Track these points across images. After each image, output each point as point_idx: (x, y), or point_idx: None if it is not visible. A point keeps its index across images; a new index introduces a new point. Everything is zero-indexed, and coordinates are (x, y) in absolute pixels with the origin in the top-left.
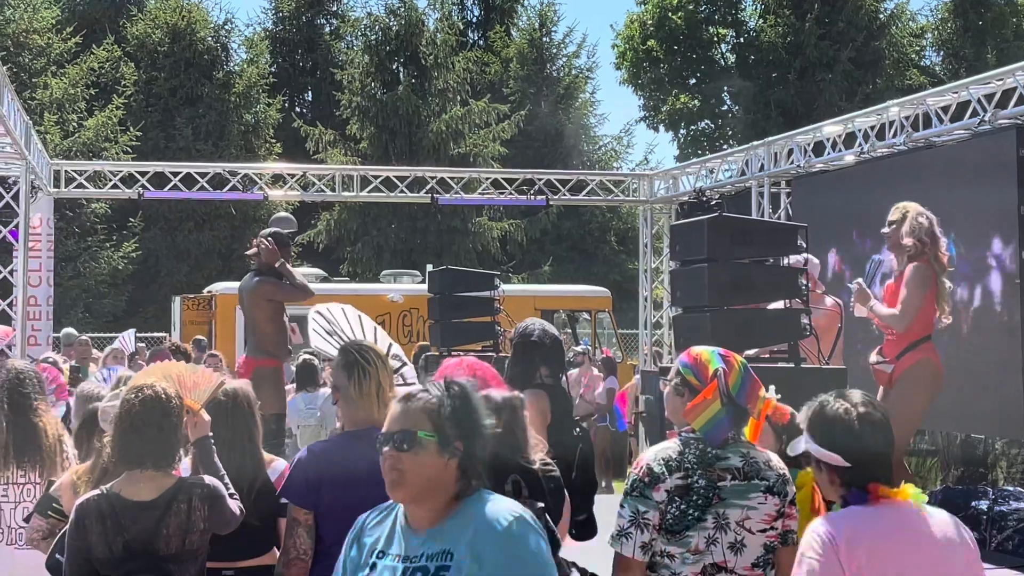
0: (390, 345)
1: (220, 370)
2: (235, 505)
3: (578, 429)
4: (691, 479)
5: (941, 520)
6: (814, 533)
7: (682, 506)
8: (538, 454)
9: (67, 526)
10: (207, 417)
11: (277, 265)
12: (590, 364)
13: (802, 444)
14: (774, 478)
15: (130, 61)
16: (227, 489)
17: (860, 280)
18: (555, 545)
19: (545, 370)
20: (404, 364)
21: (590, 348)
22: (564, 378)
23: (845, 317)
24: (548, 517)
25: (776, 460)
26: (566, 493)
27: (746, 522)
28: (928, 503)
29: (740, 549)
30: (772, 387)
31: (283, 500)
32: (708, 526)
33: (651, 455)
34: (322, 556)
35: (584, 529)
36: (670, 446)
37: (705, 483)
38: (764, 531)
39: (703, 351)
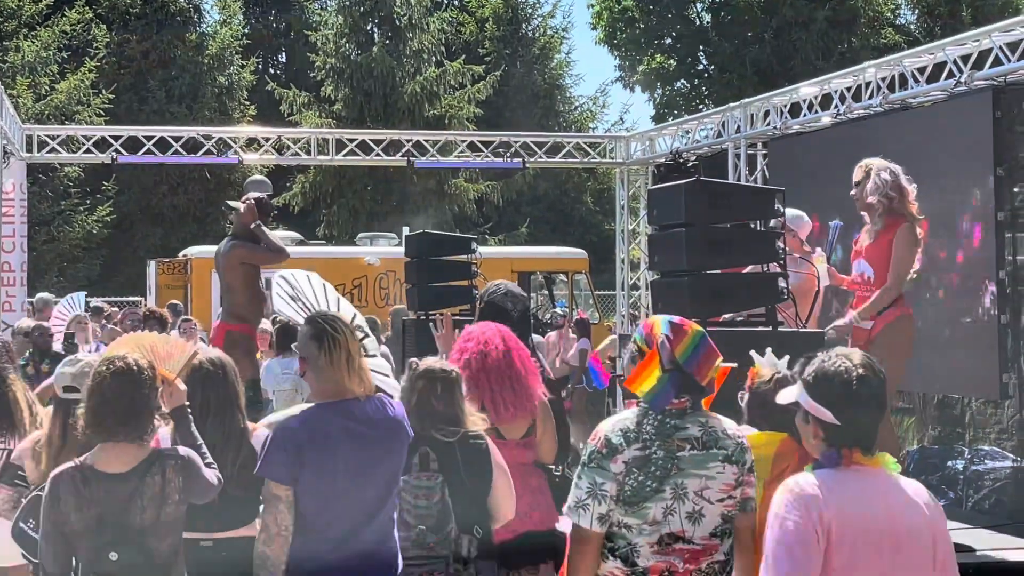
0: (354, 315)
1: (194, 336)
2: (212, 474)
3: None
4: (649, 450)
5: (912, 489)
6: (789, 493)
7: (640, 477)
8: (471, 427)
9: (33, 494)
10: (182, 387)
11: (252, 227)
12: (568, 327)
13: (793, 394)
14: (732, 447)
15: (102, 23)
16: (204, 459)
17: (821, 250)
18: (447, 522)
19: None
20: (367, 336)
21: (567, 310)
22: (530, 342)
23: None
24: (445, 491)
25: (734, 428)
26: (496, 465)
27: (705, 492)
28: (904, 464)
29: (699, 519)
30: (768, 349)
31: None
32: (666, 497)
33: (609, 426)
34: (302, 530)
35: None
36: (628, 416)
37: (663, 454)
38: (723, 500)
39: (656, 319)
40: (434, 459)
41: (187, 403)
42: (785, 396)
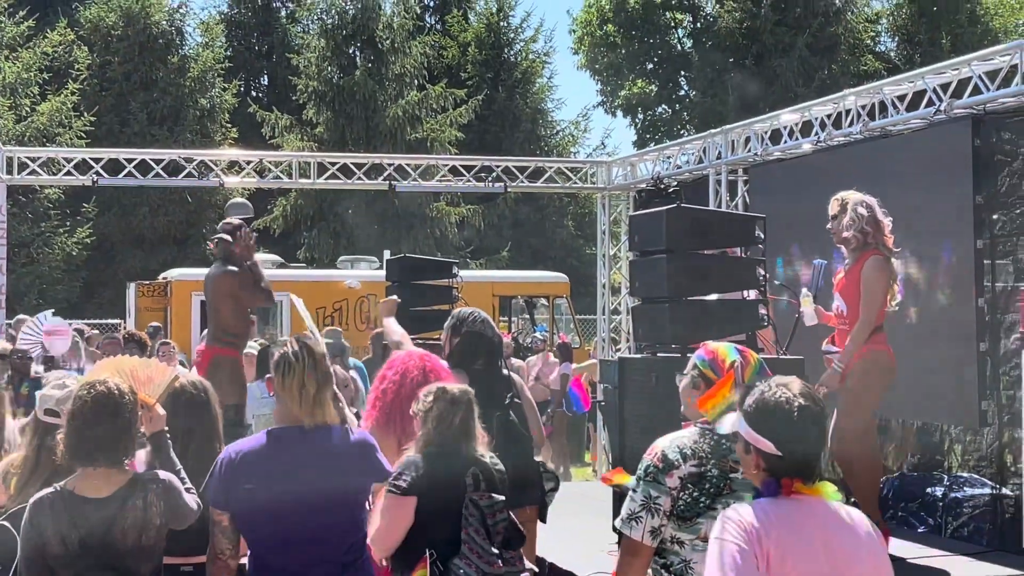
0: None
1: (173, 359)
2: (191, 499)
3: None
4: (705, 468)
5: (852, 517)
6: (729, 522)
7: (694, 493)
8: (482, 447)
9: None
10: (162, 412)
11: (249, 264)
12: (548, 351)
13: (733, 424)
14: None
15: (83, 45)
16: (183, 483)
17: (807, 291)
18: (522, 539)
19: (481, 361)
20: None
21: (548, 334)
22: (502, 362)
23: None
24: (508, 510)
25: None
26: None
27: None
28: (884, 490)
29: None
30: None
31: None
32: (717, 515)
33: (666, 442)
34: (254, 561)
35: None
36: (685, 435)
37: (718, 472)
38: None
39: (720, 346)
40: (484, 480)
41: (166, 428)
42: (725, 426)
